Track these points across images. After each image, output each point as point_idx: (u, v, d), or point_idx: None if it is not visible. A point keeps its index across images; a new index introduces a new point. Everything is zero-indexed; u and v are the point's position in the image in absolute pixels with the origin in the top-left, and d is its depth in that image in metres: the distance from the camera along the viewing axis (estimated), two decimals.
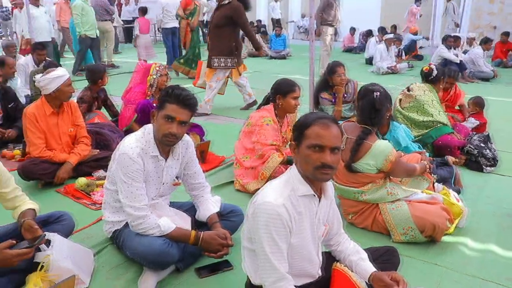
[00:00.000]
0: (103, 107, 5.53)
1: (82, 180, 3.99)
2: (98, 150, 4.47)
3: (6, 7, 18.37)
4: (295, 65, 12.26)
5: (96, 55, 10.79)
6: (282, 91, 3.99)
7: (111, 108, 5.58)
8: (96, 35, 10.56)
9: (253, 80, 9.65)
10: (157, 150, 2.77)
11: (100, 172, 4.22)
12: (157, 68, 4.98)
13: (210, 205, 3.01)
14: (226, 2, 6.59)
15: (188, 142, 2.98)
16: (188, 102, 2.65)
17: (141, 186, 2.71)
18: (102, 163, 4.27)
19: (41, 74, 4.11)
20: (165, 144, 2.75)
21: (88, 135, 4.38)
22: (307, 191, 2.05)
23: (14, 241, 2.47)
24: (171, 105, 2.63)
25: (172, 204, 3.11)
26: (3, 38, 17.91)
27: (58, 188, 4.07)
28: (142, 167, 2.70)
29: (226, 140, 5.19)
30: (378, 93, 3.25)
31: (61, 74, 4.08)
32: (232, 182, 4.19)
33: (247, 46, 14.03)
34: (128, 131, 4.94)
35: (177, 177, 3.00)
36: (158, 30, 16.47)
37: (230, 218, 3.08)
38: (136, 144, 2.72)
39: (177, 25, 10.48)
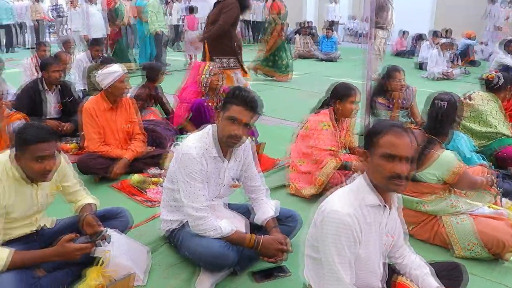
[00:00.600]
0: (157, 104, 5.59)
1: (136, 177, 4.03)
2: (153, 147, 4.50)
3: (60, 4, 18.95)
4: (345, 68, 12.07)
5: (161, 52, 10.87)
6: (340, 95, 3.90)
7: (165, 106, 5.63)
8: (162, 33, 10.76)
9: (303, 82, 9.62)
10: (218, 151, 2.75)
11: (154, 170, 4.25)
12: (209, 68, 4.97)
13: (268, 208, 2.97)
14: None
15: (247, 144, 2.95)
16: (253, 104, 2.63)
17: (203, 186, 2.69)
18: (156, 160, 4.31)
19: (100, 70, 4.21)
20: (228, 146, 2.73)
21: (143, 132, 4.42)
22: (376, 201, 2.00)
23: (76, 235, 2.51)
24: (236, 107, 2.61)
25: (229, 206, 3.09)
26: (56, 34, 18.54)
27: (113, 183, 4.12)
28: (205, 167, 2.69)
29: (277, 142, 5.14)
30: (445, 103, 3.14)
31: (115, 70, 4.15)
32: (285, 185, 4.13)
33: (296, 47, 13.99)
34: (182, 129, 4.99)
35: (236, 179, 2.97)
36: None
37: (287, 223, 3.03)
38: (199, 144, 2.71)
39: None
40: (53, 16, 18.60)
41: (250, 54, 9.98)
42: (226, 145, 2.73)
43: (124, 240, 2.77)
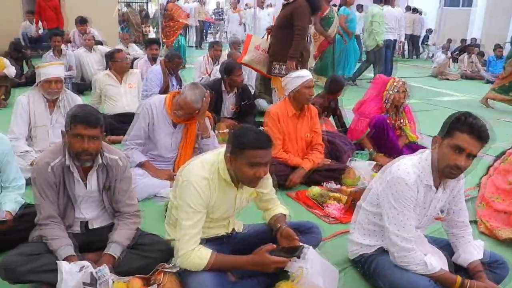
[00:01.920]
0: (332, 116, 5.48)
1: (315, 189, 3.91)
2: (330, 160, 4.36)
3: (221, 8, 19.96)
4: None
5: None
6: None
7: (340, 118, 5.49)
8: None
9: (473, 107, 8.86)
10: (432, 179, 2.50)
11: (332, 184, 4.10)
12: (395, 83, 4.70)
13: (472, 249, 2.64)
14: (291, 0, 5.77)
15: (461, 175, 2.65)
16: (483, 134, 2.32)
17: (412, 215, 2.46)
18: (334, 174, 4.16)
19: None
20: (447, 176, 2.45)
21: (322, 143, 4.31)
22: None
23: (273, 246, 2.44)
24: (462, 135, 2.32)
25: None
26: (212, 35, 19.56)
27: (289, 192, 4.04)
28: (416, 195, 2.47)
29: None
30: None
31: (302, 74, 4.07)
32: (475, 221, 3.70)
33: (460, 67, 13.04)
34: (358, 144, 4.80)
35: (441, 211, 2.70)
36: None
37: (494, 269, 2.67)
38: (413, 170, 2.48)
39: (394, 37, 10.13)
40: (215, 18, 19.69)
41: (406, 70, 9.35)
42: (444, 175, 2.46)
43: (318, 258, 2.62)
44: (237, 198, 2.56)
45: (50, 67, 4.01)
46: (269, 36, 6.32)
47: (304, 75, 4.09)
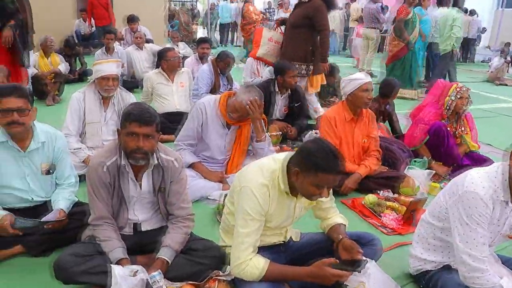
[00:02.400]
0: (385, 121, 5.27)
1: (371, 198, 3.73)
2: (386, 167, 4.17)
3: (273, 8, 19.85)
4: None
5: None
6: None
7: (395, 124, 5.26)
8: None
9: None
10: (506, 194, 2.30)
11: (387, 192, 3.92)
12: (457, 89, 4.45)
13: None
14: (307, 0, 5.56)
15: None
16: None
17: (486, 233, 2.26)
18: (391, 182, 3.96)
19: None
20: None
21: (379, 149, 4.12)
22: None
23: (336, 261, 2.30)
24: None
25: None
26: None
27: (343, 198, 3.88)
28: (491, 211, 2.27)
29: None
30: None
31: (359, 77, 3.90)
32: None
33: None
34: (414, 152, 4.59)
35: None
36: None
37: None
38: (488, 184, 2.27)
39: None
40: (265, 18, 19.59)
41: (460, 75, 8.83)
42: None
43: (380, 273, 2.49)
44: (296, 207, 2.44)
45: (107, 64, 4.00)
46: (278, 28, 6.28)
47: (361, 78, 3.91)
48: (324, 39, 5.63)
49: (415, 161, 4.44)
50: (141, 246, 2.66)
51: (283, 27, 6.25)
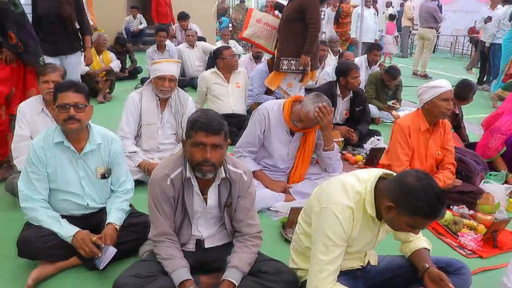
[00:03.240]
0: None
1: (447, 215, 3.40)
2: (459, 181, 3.83)
3: (323, 9, 19.52)
4: None
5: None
6: None
7: (462, 130, 4.88)
8: None
9: None
10: None
11: (463, 209, 3.59)
12: None
13: None
14: None
15: None
16: None
17: None
18: (466, 197, 3.63)
19: None
20: None
21: (454, 162, 3.77)
22: None
23: None
24: None
25: None
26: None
27: None
28: None
29: None
30: None
31: (439, 84, 3.53)
32: None
33: None
34: (489, 163, 4.23)
35: None
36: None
37: None
38: None
39: None
40: None
41: None
42: None
43: None
44: (380, 231, 2.19)
45: (165, 64, 3.83)
46: (271, 11, 5.90)
47: (441, 85, 3.53)
48: (313, 32, 5.15)
49: (490, 174, 4.08)
50: (203, 263, 2.48)
51: (277, 12, 5.85)
